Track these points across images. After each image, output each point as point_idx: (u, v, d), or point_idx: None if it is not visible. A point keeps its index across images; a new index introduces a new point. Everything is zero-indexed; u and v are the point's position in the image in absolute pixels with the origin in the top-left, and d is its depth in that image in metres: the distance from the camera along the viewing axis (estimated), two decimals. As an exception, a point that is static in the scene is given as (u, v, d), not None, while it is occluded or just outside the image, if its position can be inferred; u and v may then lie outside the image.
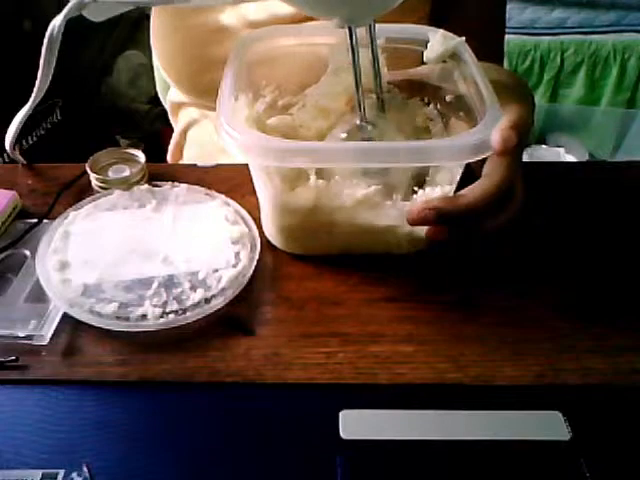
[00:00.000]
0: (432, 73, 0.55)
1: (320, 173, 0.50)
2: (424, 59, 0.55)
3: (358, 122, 0.51)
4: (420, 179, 0.51)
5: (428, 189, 0.49)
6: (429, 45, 0.54)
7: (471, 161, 0.46)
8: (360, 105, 0.50)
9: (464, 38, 0.54)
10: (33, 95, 0.58)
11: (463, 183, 0.49)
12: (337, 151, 0.47)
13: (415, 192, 0.50)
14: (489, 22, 0.75)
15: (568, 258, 0.54)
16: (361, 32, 0.49)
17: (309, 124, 0.55)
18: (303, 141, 0.53)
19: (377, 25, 0.50)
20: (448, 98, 0.54)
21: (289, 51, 0.57)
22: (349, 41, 0.48)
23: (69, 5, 0.52)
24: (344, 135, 0.51)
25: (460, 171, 0.49)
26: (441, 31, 0.55)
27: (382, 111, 0.53)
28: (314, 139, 0.54)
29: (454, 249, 0.52)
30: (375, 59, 0.51)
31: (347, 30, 0.48)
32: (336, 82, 0.55)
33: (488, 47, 0.60)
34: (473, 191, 0.47)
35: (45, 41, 0.54)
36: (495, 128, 0.45)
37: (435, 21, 0.70)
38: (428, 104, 0.56)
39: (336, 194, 0.49)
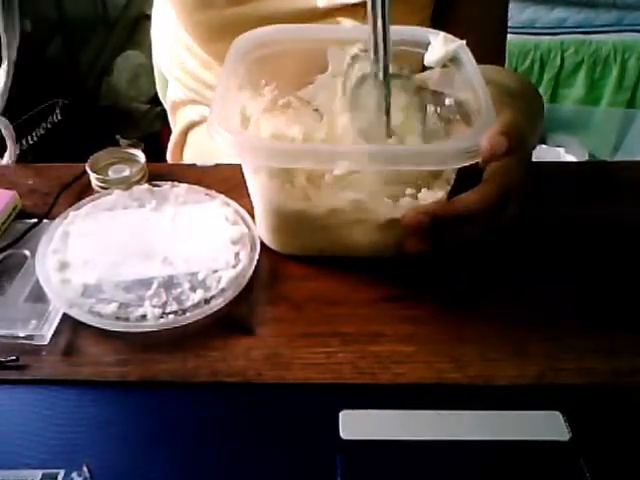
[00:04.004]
0: (432, 78, 0.55)
1: (311, 173, 0.49)
2: (425, 62, 0.54)
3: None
4: (415, 181, 0.51)
5: (423, 192, 0.49)
6: (430, 48, 0.54)
7: (463, 166, 0.45)
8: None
9: (465, 41, 0.53)
10: None
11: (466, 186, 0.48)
12: (335, 154, 0.46)
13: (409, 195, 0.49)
14: (491, 22, 0.75)
15: (568, 258, 0.54)
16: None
17: (303, 124, 0.54)
18: (294, 142, 0.52)
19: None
20: (447, 102, 0.53)
21: (289, 51, 0.56)
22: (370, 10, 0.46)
23: None
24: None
25: (453, 176, 0.49)
26: (442, 34, 0.54)
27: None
28: (307, 140, 0.53)
29: (442, 253, 0.51)
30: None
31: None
32: (333, 82, 0.54)
33: (489, 47, 0.60)
34: (469, 197, 0.46)
35: None
36: (485, 134, 0.44)
37: (436, 21, 0.70)
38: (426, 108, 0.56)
39: (328, 194, 0.49)
